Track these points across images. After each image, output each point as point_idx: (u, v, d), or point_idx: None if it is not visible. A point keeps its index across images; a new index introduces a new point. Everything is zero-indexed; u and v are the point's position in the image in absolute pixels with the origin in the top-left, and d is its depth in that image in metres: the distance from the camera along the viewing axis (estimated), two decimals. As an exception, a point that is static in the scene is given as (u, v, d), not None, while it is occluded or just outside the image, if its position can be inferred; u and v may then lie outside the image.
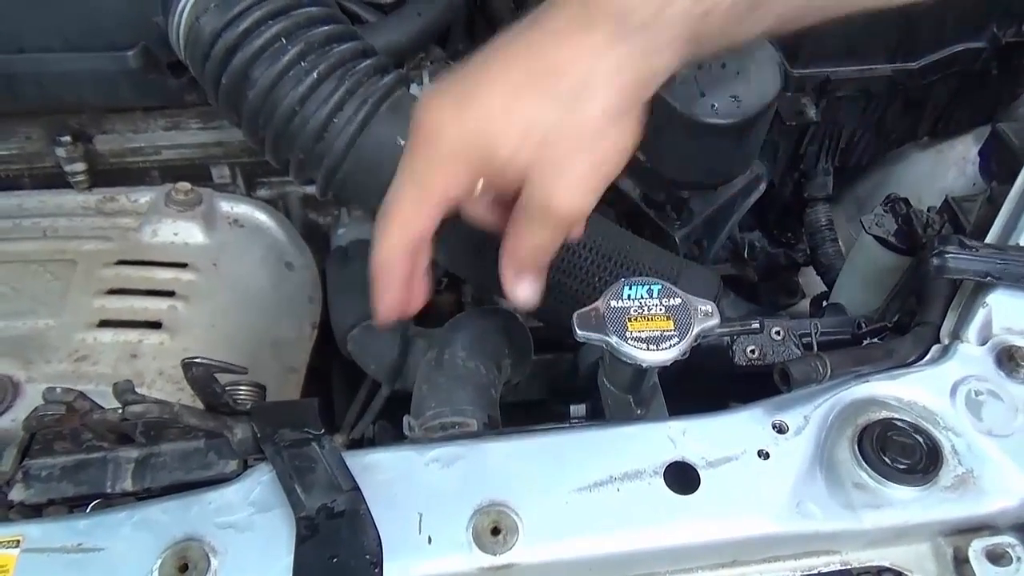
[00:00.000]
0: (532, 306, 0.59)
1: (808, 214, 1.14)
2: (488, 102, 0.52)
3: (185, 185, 0.99)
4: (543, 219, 0.54)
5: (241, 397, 0.60)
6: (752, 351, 0.76)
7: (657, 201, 1.04)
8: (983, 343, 0.62)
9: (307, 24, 0.79)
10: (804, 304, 1.23)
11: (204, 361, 0.53)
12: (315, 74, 0.77)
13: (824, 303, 0.96)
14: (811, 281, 1.25)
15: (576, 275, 0.79)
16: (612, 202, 1.11)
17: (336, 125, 0.77)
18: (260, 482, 0.54)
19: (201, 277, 0.92)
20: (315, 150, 0.78)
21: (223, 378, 0.60)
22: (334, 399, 1.13)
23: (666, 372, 0.78)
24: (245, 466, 0.57)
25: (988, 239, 0.69)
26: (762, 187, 1.08)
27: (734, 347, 0.77)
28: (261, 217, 1.02)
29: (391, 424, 0.83)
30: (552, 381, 1.05)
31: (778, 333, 0.75)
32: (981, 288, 0.65)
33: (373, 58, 0.82)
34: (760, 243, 1.20)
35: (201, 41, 0.80)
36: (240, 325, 0.93)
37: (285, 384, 0.98)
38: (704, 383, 0.78)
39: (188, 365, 0.52)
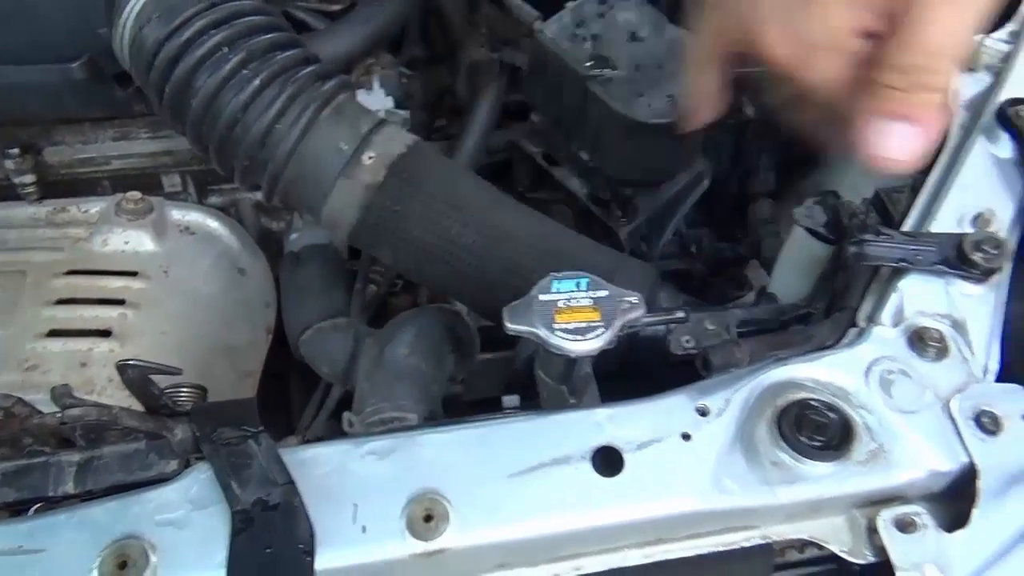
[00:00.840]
0: (912, 161, 0.54)
1: (751, 209, 1.17)
2: None
3: (135, 194, 1.00)
4: (930, 57, 0.50)
5: (182, 399, 0.62)
6: (688, 341, 0.78)
7: (603, 199, 1.07)
8: (896, 325, 0.65)
9: (249, 33, 0.81)
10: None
11: (138, 363, 0.54)
12: (257, 81, 0.78)
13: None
14: (763, 274, 1.28)
15: (518, 272, 0.81)
16: (565, 201, 1.14)
17: (278, 131, 0.79)
18: (199, 480, 0.55)
19: (151, 285, 0.94)
20: (258, 156, 0.80)
21: (166, 381, 0.61)
22: (292, 402, 1.15)
23: (607, 364, 0.81)
24: (187, 465, 0.58)
25: (905, 227, 0.72)
26: (705, 184, 1.11)
27: (670, 338, 0.79)
28: (213, 224, 1.03)
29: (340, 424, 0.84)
30: (506, 378, 1.07)
31: (712, 323, 0.78)
32: (896, 274, 0.68)
33: (316, 65, 0.83)
34: (707, 238, 1.22)
35: (144, 51, 0.81)
36: (192, 331, 0.95)
37: (240, 389, 0.99)
38: (650, 374, 0.81)
39: (123, 368, 0.54)
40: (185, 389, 0.62)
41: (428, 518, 0.54)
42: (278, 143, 0.79)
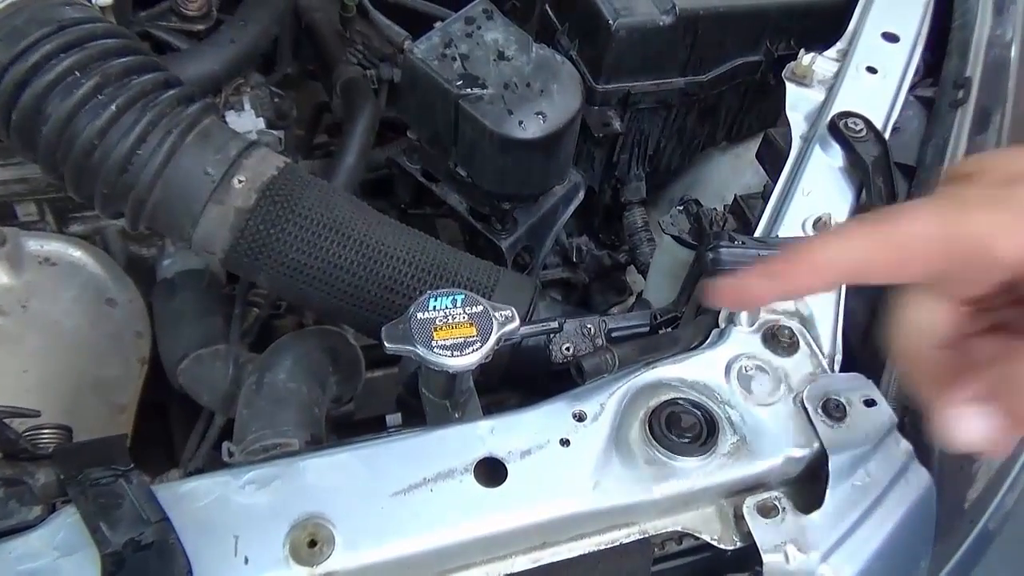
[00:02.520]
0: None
1: (626, 217, 1.22)
2: None
3: (-15, 225, 0.94)
4: None
5: (44, 441, 0.59)
6: (567, 349, 0.82)
7: (483, 213, 1.09)
8: (752, 324, 0.70)
9: (102, 56, 0.78)
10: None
11: (-11, 407, 0.51)
12: (114, 107, 0.76)
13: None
14: (642, 279, 1.34)
15: (398, 291, 0.82)
16: (450, 216, 1.16)
17: (140, 157, 0.76)
18: (65, 525, 0.53)
19: (8, 320, 0.88)
20: (119, 183, 0.77)
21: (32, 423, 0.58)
22: (174, 433, 1.10)
23: (491, 377, 0.83)
24: (52, 510, 0.56)
25: (757, 232, 0.78)
26: (581, 195, 1.15)
27: (551, 347, 0.82)
28: (75, 254, 0.98)
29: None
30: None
31: (589, 330, 0.81)
32: (750, 276, 0.73)
33: (177, 88, 0.81)
34: (587, 247, 1.27)
35: (-15, 77, 0.77)
36: (57, 368, 0.90)
37: (114, 424, 0.94)
38: (542, 384, 0.83)
39: (-27, 413, 0.51)
40: (47, 430, 0.59)
41: (312, 543, 0.54)
42: (140, 169, 0.77)
